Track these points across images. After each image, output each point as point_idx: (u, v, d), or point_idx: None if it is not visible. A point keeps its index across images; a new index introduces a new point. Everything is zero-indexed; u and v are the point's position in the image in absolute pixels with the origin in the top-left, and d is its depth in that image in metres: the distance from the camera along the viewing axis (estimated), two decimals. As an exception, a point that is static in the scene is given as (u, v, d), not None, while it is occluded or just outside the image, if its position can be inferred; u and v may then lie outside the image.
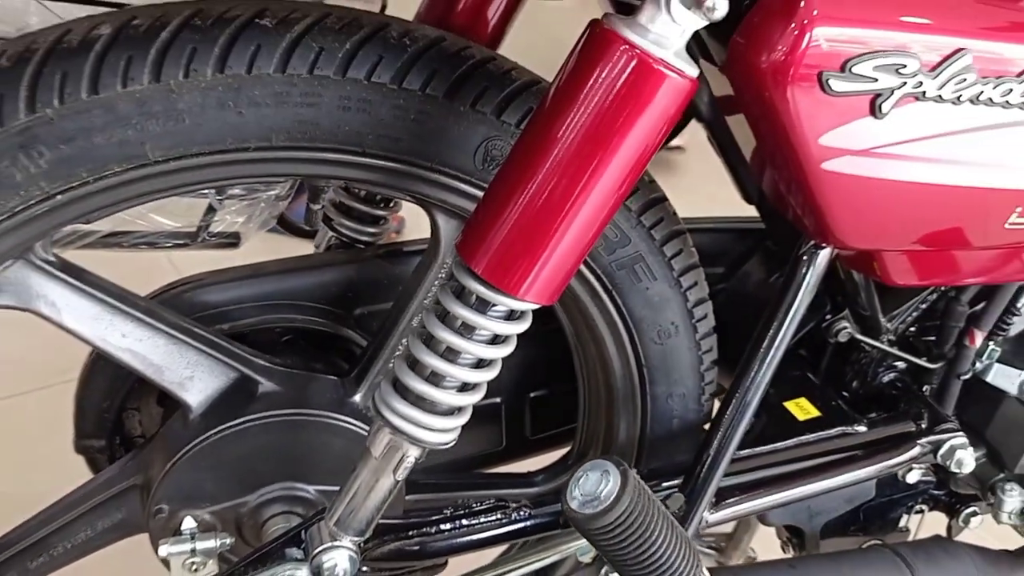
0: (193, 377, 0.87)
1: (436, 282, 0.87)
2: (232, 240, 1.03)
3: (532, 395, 1.09)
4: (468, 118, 0.78)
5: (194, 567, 0.85)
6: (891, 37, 0.68)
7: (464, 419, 0.76)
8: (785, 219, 0.86)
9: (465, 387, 0.74)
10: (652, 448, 0.98)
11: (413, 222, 1.63)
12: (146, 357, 0.85)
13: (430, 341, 0.72)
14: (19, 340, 1.67)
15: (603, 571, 0.86)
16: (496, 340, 0.73)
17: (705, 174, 1.06)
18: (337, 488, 0.81)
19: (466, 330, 0.71)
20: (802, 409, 1.01)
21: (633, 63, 0.63)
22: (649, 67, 0.63)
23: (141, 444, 0.96)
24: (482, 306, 0.70)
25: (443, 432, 0.75)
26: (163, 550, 0.85)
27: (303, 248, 1.13)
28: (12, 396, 1.76)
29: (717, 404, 0.95)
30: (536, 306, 0.71)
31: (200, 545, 0.86)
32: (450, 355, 0.72)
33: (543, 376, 1.07)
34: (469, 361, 0.73)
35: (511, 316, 0.71)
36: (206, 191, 0.96)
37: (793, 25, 0.67)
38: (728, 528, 1.49)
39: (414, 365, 0.73)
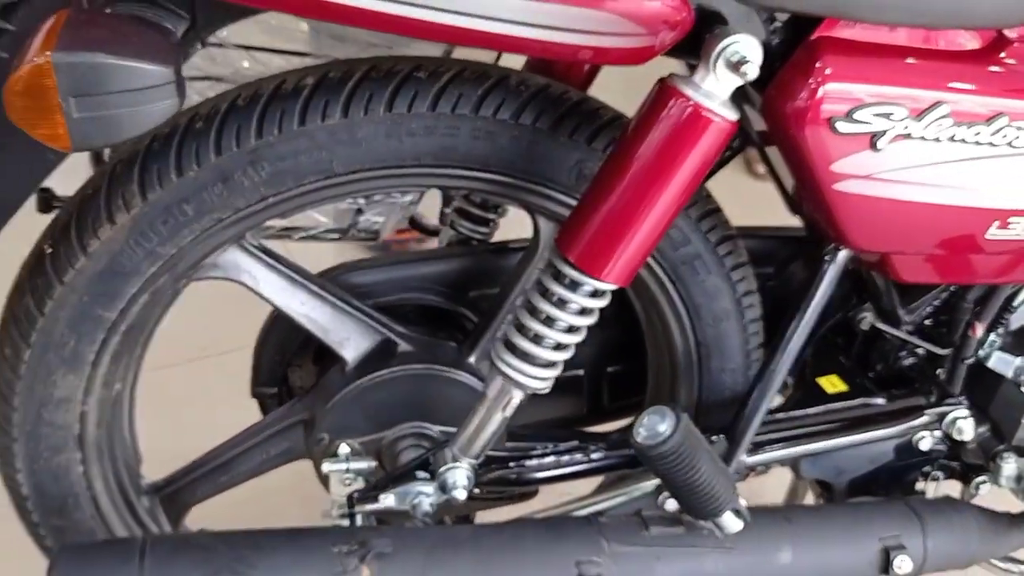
0: (349, 338, 1.10)
1: (537, 270, 1.04)
2: (373, 236, 1.29)
3: (609, 370, 1.24)
4: (566, 145, 0.97)
5: (347, 482, 1.07)
6: (885, 92, 0.88)
7: (556, 372, 0.97)
8: (816, 226, 1.07)
9: (559, 346, 0.95)
10: (707, 411, 1.14)
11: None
12: (316, 320, 1.08)
13: (534, 311, 0.94)
14: (170, 319, 1.94)
15: (660, 497, 1.07)
16: (583, 312, 0.93)
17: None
18: (453, 429, 1.03)
19: (561, 304, 0.92)
20: (832, 384, 1.18)
21: (689, 110, 0.85)
22: (699, 114, 0.85)
23: (304, 391, 1.19)
24: (573, 286, 0.91)
25: (540, 380, 0.96)
26: (325, 468, 1.08)
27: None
28: (164, 367, 2.03)
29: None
30: (614, 287, 0.92)
31: (352, 466, 1.08)
32: (548, 322, 0.93)
33: (619, 354, 1.22)
34: (562, 327, 0.93)
35: (595, 294, 0.92)
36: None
37: (811, 81, 0.87)
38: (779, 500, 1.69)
39: (521, 329, 0.95)
